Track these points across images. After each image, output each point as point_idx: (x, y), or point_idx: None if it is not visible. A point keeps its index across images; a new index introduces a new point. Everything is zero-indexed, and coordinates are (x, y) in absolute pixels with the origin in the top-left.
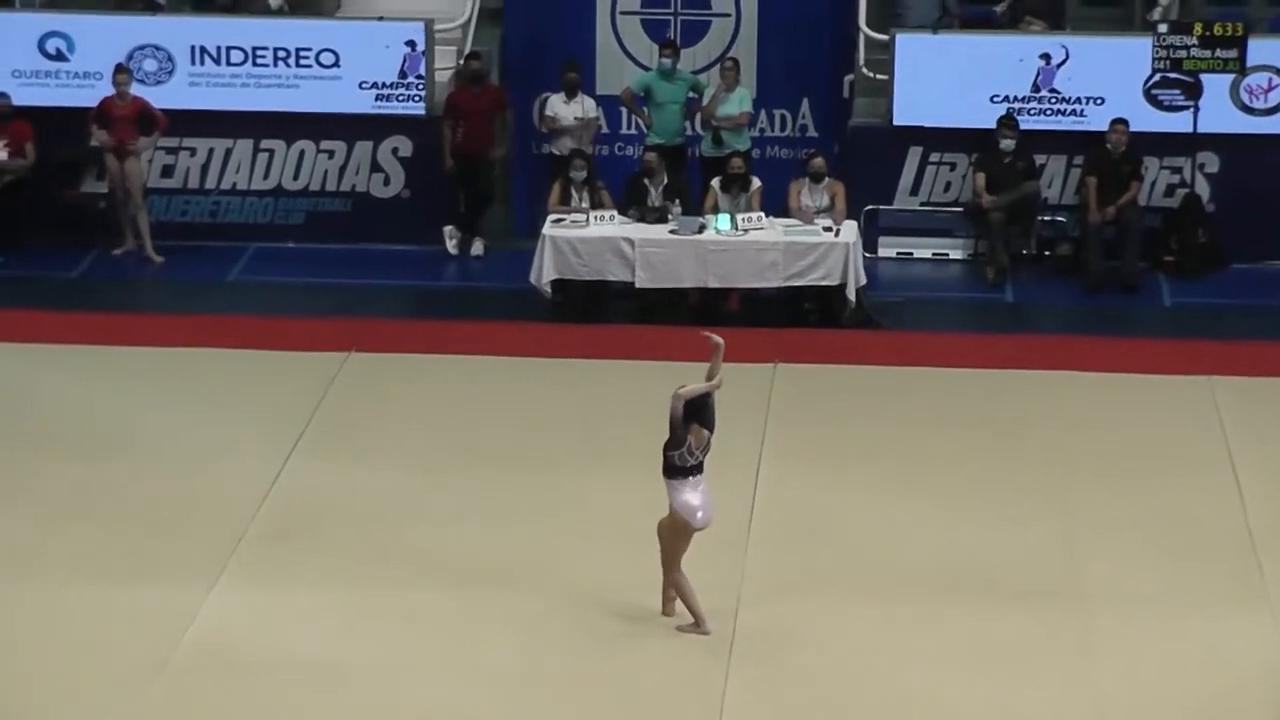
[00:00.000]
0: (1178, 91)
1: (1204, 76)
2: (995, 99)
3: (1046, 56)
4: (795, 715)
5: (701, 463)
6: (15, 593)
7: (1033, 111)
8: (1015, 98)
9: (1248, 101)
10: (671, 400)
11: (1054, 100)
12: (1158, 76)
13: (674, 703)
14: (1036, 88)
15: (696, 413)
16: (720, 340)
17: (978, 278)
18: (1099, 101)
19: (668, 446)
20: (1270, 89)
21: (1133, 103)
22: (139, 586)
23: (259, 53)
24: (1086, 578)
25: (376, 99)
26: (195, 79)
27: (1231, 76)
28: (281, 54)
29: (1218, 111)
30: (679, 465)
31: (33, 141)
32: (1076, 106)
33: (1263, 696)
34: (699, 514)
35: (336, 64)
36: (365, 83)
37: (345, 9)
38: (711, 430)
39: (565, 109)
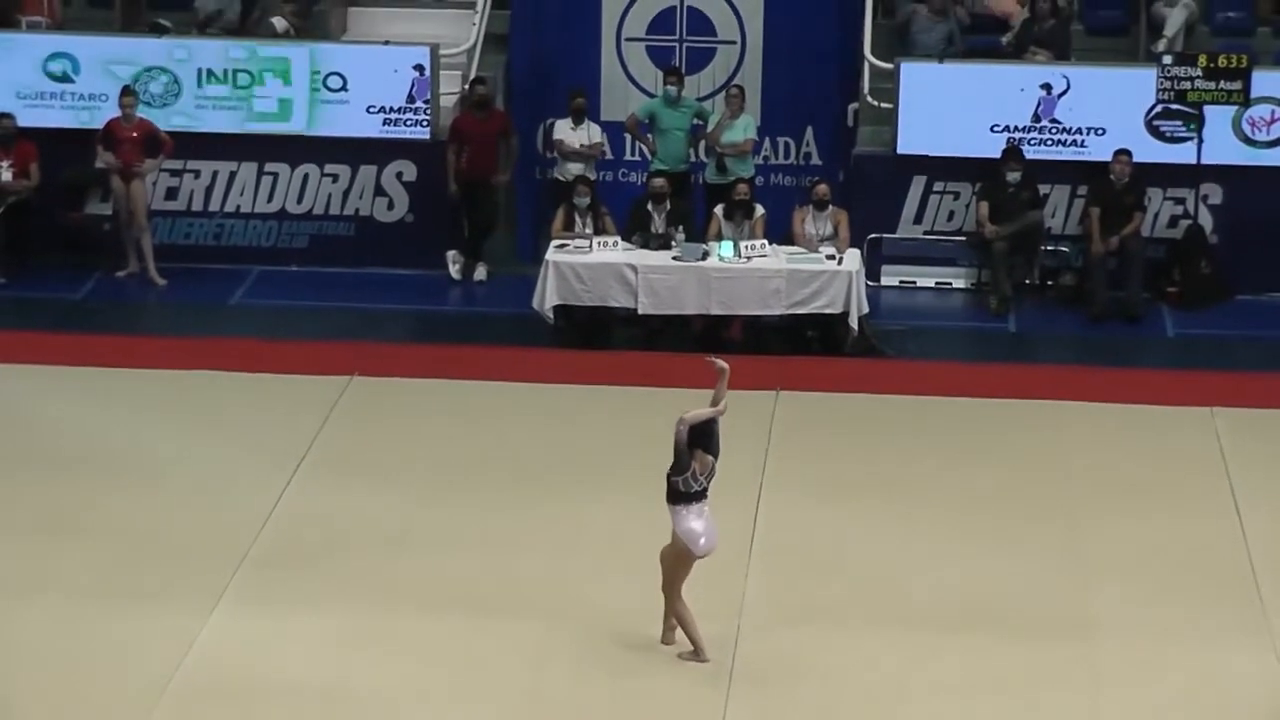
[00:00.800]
0: (1179, 123)
1: (1207, 108)
2: (996, 129)
3: (1048, 86)
4: None
5: (706, 489)
6: (16, 614)
7: (1033, 141)
8: (1016, 127)
9: (1249, 133)
10: (676, 426)
11: (1055, 130)
12: (1160, 107)
13: None
14: (1037, 118)
15: (701, 438)
16: (725, 365)
17: (981, 307)
18: (1100, 132)
19: (672, 472)
20: (1273, 121)
21: (1134, 133)
22: (140, 609)
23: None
24: (1089, 608)
25: (384, 123)
26: (201, 101)
27: (1234, 109)
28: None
29: (1220, 143)
30: (683, 491)
31: (37, 163)
32: (1077, 137)
33: None
34: (701, 540)
35: (345, 88)
36: (373, 107)
37: (351, 33)
38: (716, 456)
39: (572, 135)
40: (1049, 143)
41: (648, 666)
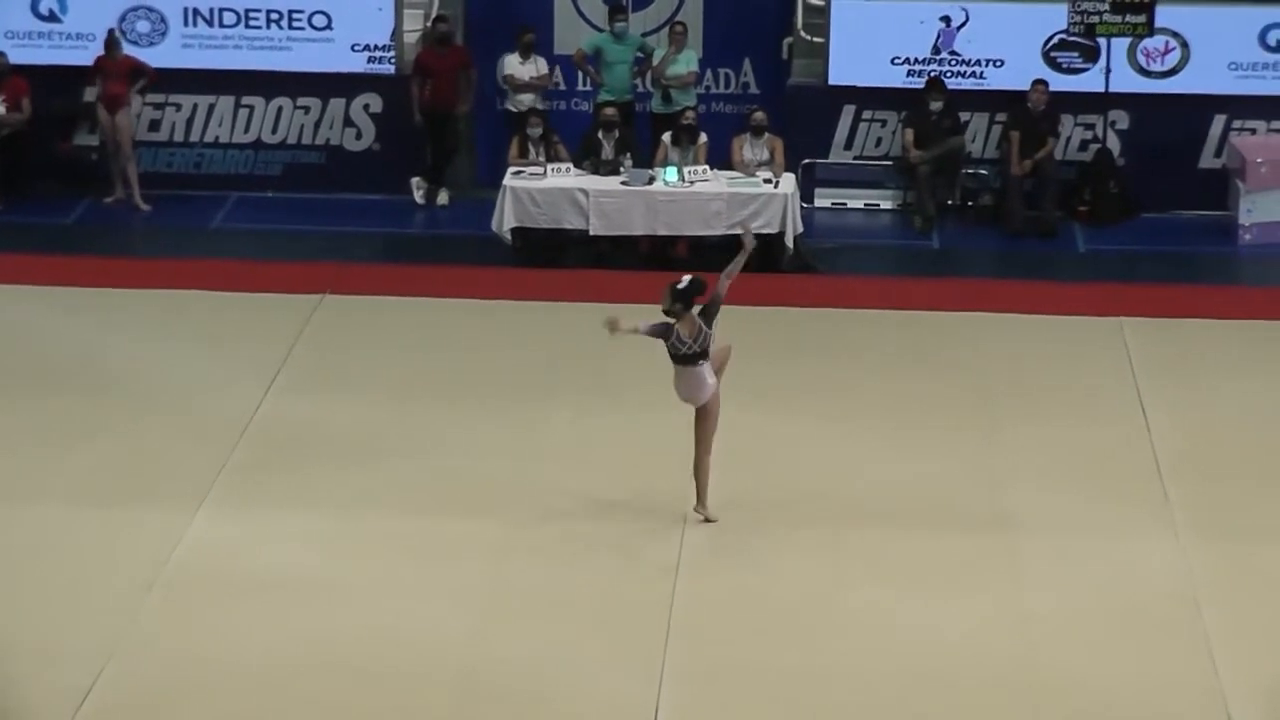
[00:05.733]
0: (1076, 54)
1: (1105, 40)
2: (896, 61)
3: (947, 19)
4: (738, 629)
5: (695, 353)
6: (14, 515)
7: (934, 73)
8: (916, 59)
9: (1144, 64)
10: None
11: (954, 62)
12: (1056, 39)
13: (626, 614)
14: (937, 50)
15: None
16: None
17: (907, 226)
18: (999, 64)
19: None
20: (1167, 52)
21: (1033, 65)
22: (130, 510)
23: (252, 15)
24: (1010, 505)
25: (369, 60)
26: (188, 40)
27: (1128, 41)
28: (274, 16)
29: (1119, 73)
30: (671, 354)
31: (29, 97)
32: (976, 69)
33: (1170, 612)
34: (678, 395)
35: (329, 26)
36: (358, 45)
37: None
38: (709, 323)
39: (521, 69)
40: (949, 75)
41: (603, 557)
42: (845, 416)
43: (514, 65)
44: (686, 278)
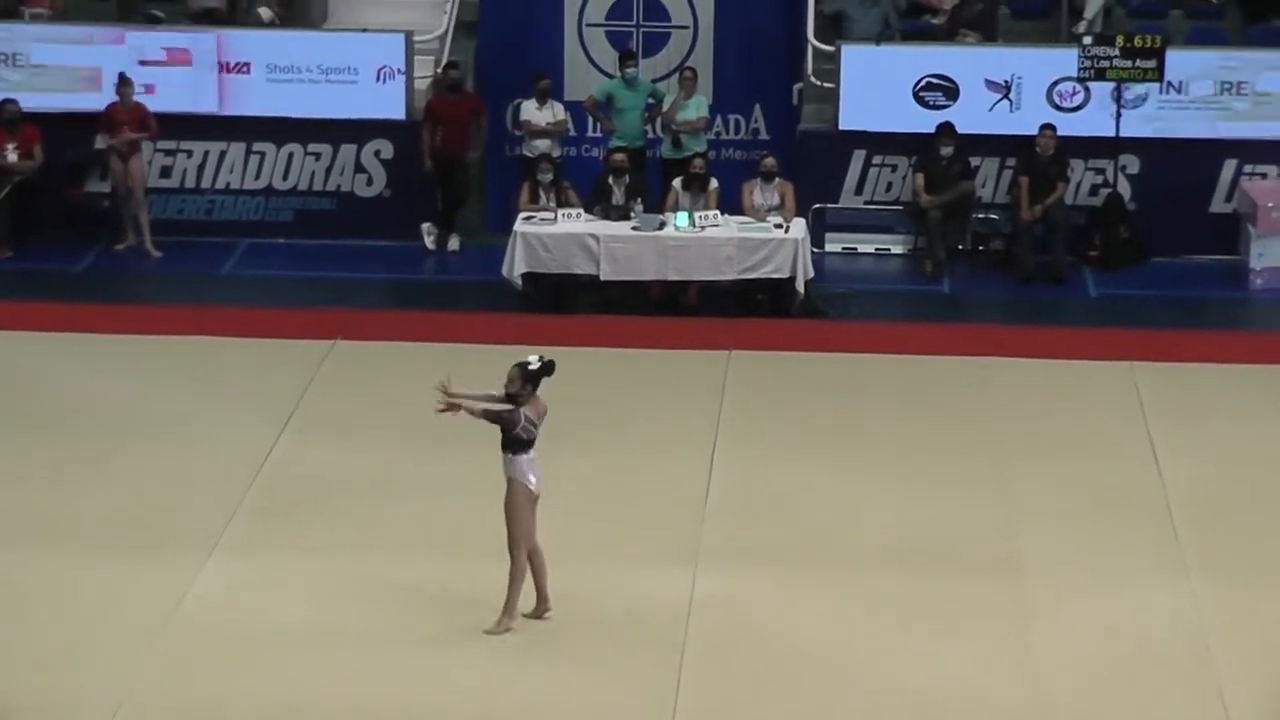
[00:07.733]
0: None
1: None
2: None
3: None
4: (749, 673)
5: (535, 437)
6: (24, 560)
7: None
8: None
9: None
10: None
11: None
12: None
13: (638, 660)
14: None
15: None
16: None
17: (917, 271)
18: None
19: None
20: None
21: (1041, 109)
22: (140, 556)
23: (269, 65)
24: (1020, 550)
25: (375, 105)
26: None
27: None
28: (291, 64)
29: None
30: (522, 439)
31: (40, 144)
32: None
33: (1181, 657)
34: (536, 489)
35: (349, 71)
36: (372, 87)
37: (331, 21)
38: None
39: (538, 114)
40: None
41: (612, 602)
42: (855, 461)
43: (530, 111)
44: (536, 358)
